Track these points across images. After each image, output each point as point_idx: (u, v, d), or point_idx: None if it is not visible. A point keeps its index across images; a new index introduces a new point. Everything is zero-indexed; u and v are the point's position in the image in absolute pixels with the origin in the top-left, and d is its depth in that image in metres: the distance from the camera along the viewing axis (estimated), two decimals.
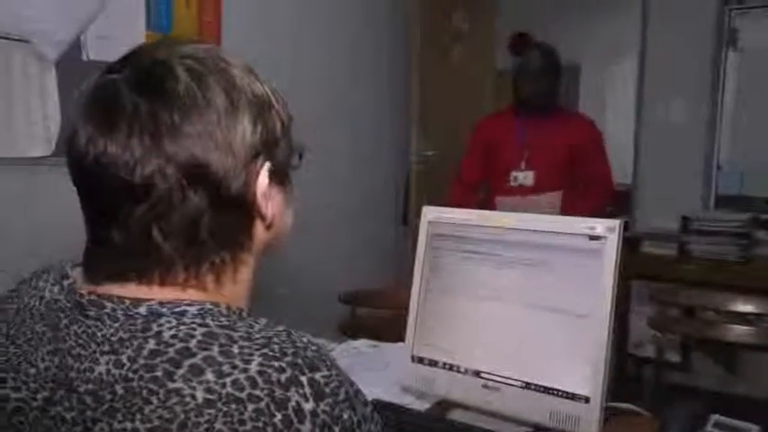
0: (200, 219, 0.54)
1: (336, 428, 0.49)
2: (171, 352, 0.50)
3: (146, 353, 0.50)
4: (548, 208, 2.42)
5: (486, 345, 1.08)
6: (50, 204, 1.67)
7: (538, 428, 1.03)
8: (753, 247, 2.72)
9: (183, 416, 0.47)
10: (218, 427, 0.46)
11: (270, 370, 0.49)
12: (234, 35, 2.23)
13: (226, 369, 0.49)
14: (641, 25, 3.13)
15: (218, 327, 0.52)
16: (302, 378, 0.50)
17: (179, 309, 0.53)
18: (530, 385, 1.03)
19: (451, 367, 1.11)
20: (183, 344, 0.50)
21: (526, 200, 2.48)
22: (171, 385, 0.48)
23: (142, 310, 0.52)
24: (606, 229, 1.00)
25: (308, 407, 0.49)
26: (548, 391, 1.01)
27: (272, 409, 0.47)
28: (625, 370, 2.90)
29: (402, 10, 3.14)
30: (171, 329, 0.51)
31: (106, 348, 0.52)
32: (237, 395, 0.48)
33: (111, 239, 0.54)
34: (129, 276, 0.55)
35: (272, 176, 0.59)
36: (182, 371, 0.49)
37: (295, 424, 0.48)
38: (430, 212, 1.17)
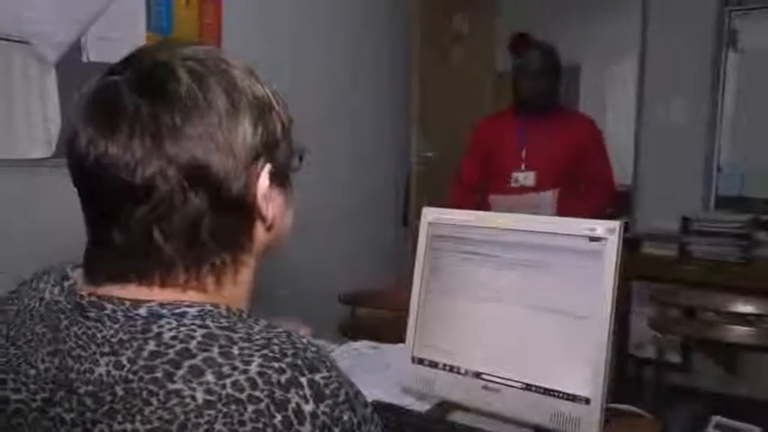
0: (200, 220, 0.54)
1: (336, 430, 0.49)
2: (171, 353, 0.50)
3: (146, 354, 0.50)
4: (540, 207, 2.36)
5: (487, 346, 1.08)
6: (51, 206, 1.67)
7: (538, 430, 1.03)
8: (753, 249, 2.72)
9: (182, 417, 0.47)
10: (218, 428, 0.46)
11: (270, 371, 0.49)
12: (234, 36, 2.23)
13: (226, 370, 0.49)
14: (641, 26, 3.13)
15: (218, 328, 0.52)
16: (302, 379, 0.50)
17: (179, 310, 0.53)
18: (530, 387, 1.03)
19: (452, 369, 1.11)
20: (183, 345, 0.50)
21: (519, 198, 2.44)
22: (171, 386, 0.48)
23: (142, 311, 0.53)
24: (606, 230, 1.00)
25: (308, 408, 0.49)
26: (548, 392, 1.01)
27: (272, 410, 0.48)
28: (626, 371, 2.89)
29: (402, 11, 3.14)
30: (171, 331, 0.51)
31: (106, 350, 0.52)
32: (237, 396, 0.48)
33: (111, 241, 0.54)
34: (129, 277, 0.55)
35: (272, 178, 0.59)
36: (181, 372, 0.49)
37: (295, 425, 0.48)
38: (430, 214, 1.17)
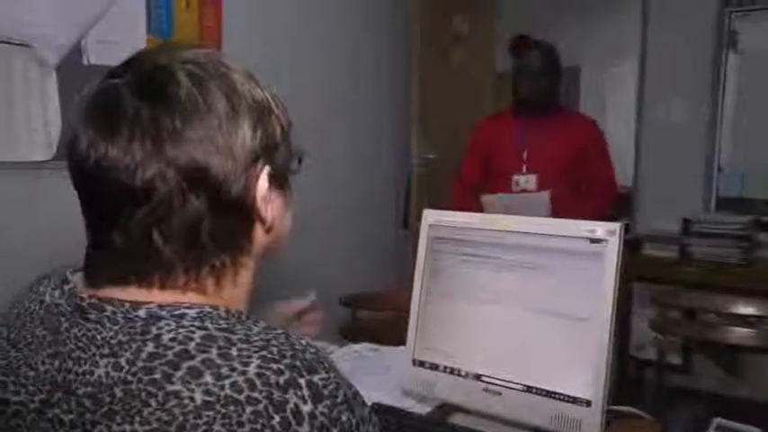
0: (200, 222, 0.54)
1: (335, 430, 0.49)
2: (170, 354, 0.50)
3: (144, 355, 0.50)
4: (533, 207, 2.32)
5: (487, 348, 1.08)
6: (51, 209, 1.67)
7: None
8: (754, 250, 2.72)
9: (181, 418, 0.47)
10: (217, 429, 0.46)
11: (268, 372, 0.49)
12: (234, 39, 2.23)
13: (224, 371, 0.49)
14: (641, 27, 3.13)
15: (217, 329, 0.52)
16: (300, 380, 0.50)
17: (178, 312, 0.53)
18: (531, 389, 1.03)
19: (452, 371, 1.11)
20: (182, 346, 0.50)
21: (512, 197, 2.42)
22: (169, 387, 0.48)
23: (141, 312, 0.53)
24: (607, 232, 1.00)
25: (307, 409, 0.49)
26: (549, 394, 1.01)
27: (271, 411, 0.48)
28: (626, 372, 2.89)
29: (402, 12, 3.14)
30: (170, 332, 0.52)
31: (106, 351, 0.52)
32: (236, 397, 0.48)
33: (111, 243, 0.55)
34: (129, 279, 0.55)
35: (271, 180, 0.59)
36: (180, 373, 0.49)
37: (293, 426, 0.48)
38: (430, 216, 1.17)
